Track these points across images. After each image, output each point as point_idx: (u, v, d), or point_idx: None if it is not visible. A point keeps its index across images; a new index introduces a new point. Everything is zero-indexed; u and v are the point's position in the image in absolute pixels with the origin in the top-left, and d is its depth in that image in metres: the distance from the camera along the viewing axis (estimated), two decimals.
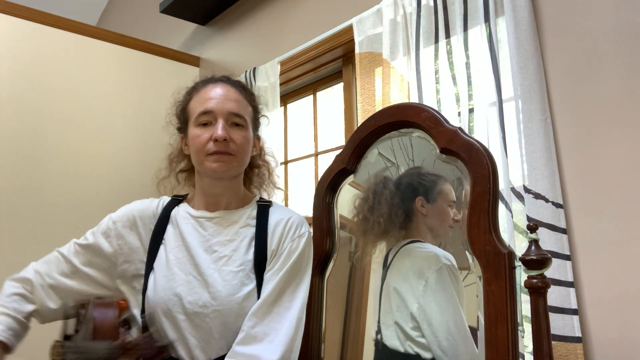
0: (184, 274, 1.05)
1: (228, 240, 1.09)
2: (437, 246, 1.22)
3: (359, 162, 1.38)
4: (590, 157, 1.26)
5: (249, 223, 1.12)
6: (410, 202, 1.25)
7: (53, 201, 2.22)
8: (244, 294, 1.03)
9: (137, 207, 1.15)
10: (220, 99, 1.09)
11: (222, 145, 1.06)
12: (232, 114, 1.09)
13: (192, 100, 1.13)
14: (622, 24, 1.23)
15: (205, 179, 1.12)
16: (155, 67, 2.64)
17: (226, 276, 1.04)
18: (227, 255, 1.07)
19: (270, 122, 2.18)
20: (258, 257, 1.07)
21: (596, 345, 1.21)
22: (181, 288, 1.04)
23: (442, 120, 1.17)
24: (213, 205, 1.14)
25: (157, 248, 1.10)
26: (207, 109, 1.08)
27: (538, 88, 1.32)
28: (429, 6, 1.58)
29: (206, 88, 1.12)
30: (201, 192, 1.14)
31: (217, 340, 1.01)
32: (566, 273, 1.23)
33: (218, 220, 1.11)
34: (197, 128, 1.08)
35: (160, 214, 1.14)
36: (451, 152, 1.14)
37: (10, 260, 2.08)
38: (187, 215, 1.13)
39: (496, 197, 1.06)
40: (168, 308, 1.03)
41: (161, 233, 1.11)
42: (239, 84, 1.17)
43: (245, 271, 1.05)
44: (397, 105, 1.34)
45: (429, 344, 1.16)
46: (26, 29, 2.25)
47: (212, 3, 2.59)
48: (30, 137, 2.20)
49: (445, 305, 1.16)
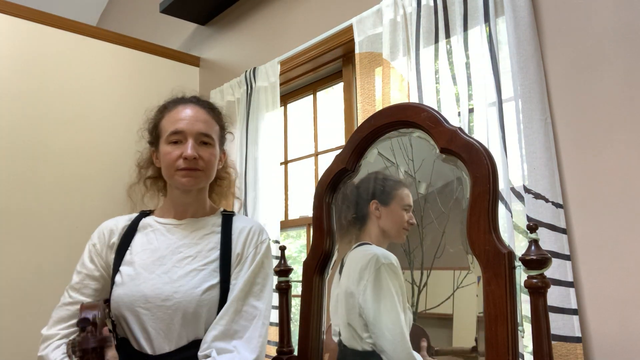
0: (148, 273, 1.14)
1: (194, 243, 1.19)
2: (384, 248, 1.28)
3: (359, 162, 1.38)
4: (590, 157, 1.26)
5: (214, 230, 1.22)
6: (366, 204, 1.32)
7: (53, 201, 2.22)
8: (204, 288, 1.12)
9: (108, 223, 1.26)
10: (190, 120, 1.19)
11: (191, 162, 1.16)
12: (200, 134, 1.19)
13: (164, 118, 1.23)
14: (622, 24, 1.23)
15: (175, 190, 1.22)
16: (155, 67, 2.64)
17: (190, 273, 1.14)
18: (192, 256, 1.17)
19: (271, 122, 2.19)
20: (224, 258, 1.17)
21: (596, 345, 1.21)
22: (144, 285, 1.12)
23: (442, 120, 1.17)
24: (181, 214, 1.24)
25: (124, 253, 1.19)
26: (178, 129, 1.18)
27: (538, 88, 1.32)
28: (429, 6, 1.58)
29: (177, 108, 1.22)
30: (170, 202, 1.25)
31: (178, 331, 1.10)
32: (566, 273, 1.23)
33: (185, 226, 1.22)
34: (168, 145, 1.19)
35: (129, 225, 1.24)
36: (451, 152, 1.14)
37: (10, 260, 2.08)
38: (155, 223, 1.24)
39: (496, 197, 1.06)
40: (131, 303, 1.11)
41: (128, 241, 1.21)
42: (208, 104, 1.27)
43: (209, 270, 1.15)
44: (397, 105, 1.35)
45: (372, 342, 1.22)
46: (26, 29, 2.25)
47: (212, 3, 2.59)
48: (30, 136, 2.20)
49: (382, 304, 1.22)
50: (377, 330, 1.22)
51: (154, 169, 1.29)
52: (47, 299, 2.02)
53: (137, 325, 1.11)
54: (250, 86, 2.29)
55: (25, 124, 2.19)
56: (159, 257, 1.16)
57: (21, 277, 2.09)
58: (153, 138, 1.26)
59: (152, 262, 1.16)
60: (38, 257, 2.15)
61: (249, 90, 2.29)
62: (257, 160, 2.19)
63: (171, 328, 1.09)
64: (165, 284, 1.12)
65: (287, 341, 1.43)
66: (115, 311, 1.14)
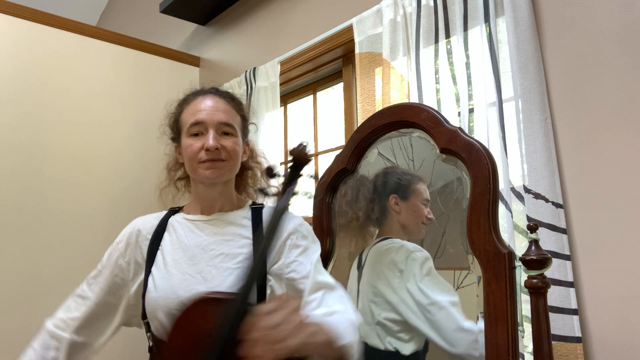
0: (181, 274, 1.10)
1: (225, 240, 1.14)
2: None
3: (359, 162, 1.38)
4: (590, 157, 1.26)
5: (244, 224, 1.17)
6: (385, 199, 1.30)
7: (53, 201, 2.22)
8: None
9: (137, 223, 1.22)
10: (210, 110, 1.16)
11: (214, 153, 1.12)
12: (221, 123, 1.15)
13: (184, 112, 1.19)
14: (622, 24, 1.23)
15: (200, 185, 1.18)
16: (155, 67, 2.64)
17: (224, 272, 1.09)
18: (225, 253, 1.12)
19: (270, 122, 2.19)
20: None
21: (596, 345, 1.21)
22: (179, 286, 1.09)
23: (442, 120, 1.17)
24: (208, 209, 1.20)
25: (155, 254, 1.16)
26: (198, 120, 1.14)
27: (538, 88, 1.32)
28: (429, 6, 1.58)
29: (196, 100, 1.19)
30: (197, 198, 1.21)
31: None
32: (566, 273, 1.23)
33: (214, 222, 1.17)
34: (189, 138, 1.15)
35: (158, 224, 1.20)
36: (451, 152, 1.14)
37: (10, 259, 2.08)
38: (184, 221, 1.20)
39: (496, 197, 1.06)
40: (167, 307, 1.07)
41: (158, 240, 1.17)
42: (227, 94, 1.23)
43: (243, 268, 1.09)
44: (397, 105, 1.35)
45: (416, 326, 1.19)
46: (26, 29, 2.25)
47: (212, 3, 2.59)
48: (30, 136, 2.20)
49: (427, 287, 1.20)
50: (415, 312, 1.19)
51: (183, 169, 1.26)
52: (47, 299, 2.02)
53: None
54: (250, 86, 2.29)
55: (25, 124, 2.19)
56: (190, 256, 1.12)
57: (21, 277, 2.09)
58: (175, 133, 1.22)
59: (184, 261, 1.12)
60: (38, 257, 2.15)
61: (249, 90, 2.29)
62: None
63: None
64: (200, 285, 1.08)
65: None
66: (151, 314, 1.10)
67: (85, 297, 1.17)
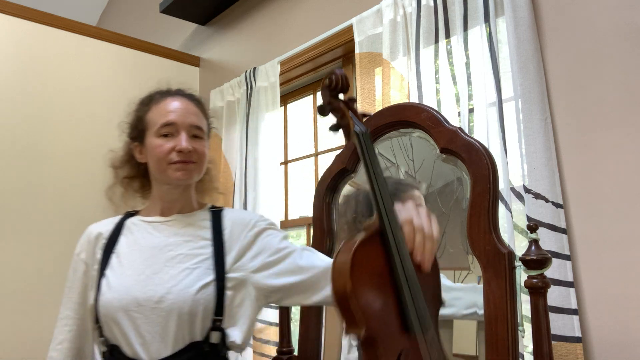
0: (137, 275, 1.09)
1: (184, 240, 1.14)
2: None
3: (359, 162, 1.38)
4: (590, 157, 1.26)
5: (203, 225, 1.17)
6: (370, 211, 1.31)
7: (53, 201, 2.22)
8: (199, 286, 1.07)
9: (91, 229, 1.22)
10: (181, 112, 1.16)
11: (186, 155, 1.12)
12: (193, 126, 1.16)
13: (151, 111, 1.19)
14: (622, 24, 1.23)
15: (164, 185, 1.17)
16: (155, 67, 2.64)
17: (182, 272, 1.08)
18: (183, 254, 1.11)
19: (271, 122, 2.19)
20: (217, 254, 1.12)
21: (596, 345, 1.21)
22: (135, 287, 1.07)
23: (442, 120, 1.17)
24: (168, 210, 1.19)
25: (109, 257, 1.14)
26: (170, 121, 1.14)
27: (538, 88, 1.32)
28: (429, 6, 1.58)
29: (165, 100, 1.18)
30: (157, 199, 1.20)
31: (175, 334, 1.05)
32: (566, 273, 1.23)
33: (173, 222, 1.17)
34: (158, 138, 1.14)
35: (113, 228, 1.20)
36: (451, 152, 1.14)
37: (10, 258, 2.08)
38: (141, 223, 1.19)
39: (496, 197, 1.06)
40: (123, 307, 1.06)
41: (113, 243, 1.16)
42: (195, 97, 1.23)
43: (203, 267, 1.10)
44: (397, 105, 1.35)
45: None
46: (26, 29, 2.25)
47: (212, 3, 2.59)
48: (30, 136, 2.20)
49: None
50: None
51: (129, 168, 1.25)
52: (46, 299, 2.02)
53: (132, 331, 1.05)
54: (250, 86, 2.29)
55: (25, 124, 2.19)
56: (147, 257, 1.11)
57: (21, 277, 2.09)
58: (136, 133, 1.21)
59: (141, 262, 1.10)
60: (38, 257, 2.15)
61: (249, 90, 2.29)
62: (257, 161, 2.19)
63: (167, 331, 1.05)
64: (157, 285, 1.06)
65: (287, 341, 1.43)
66: (105, 317, 1.08)
67: (65, 317, 1.16)
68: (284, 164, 2.40)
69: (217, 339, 1.07)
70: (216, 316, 1.07)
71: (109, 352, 1.08)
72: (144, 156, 1.19)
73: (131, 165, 1.25)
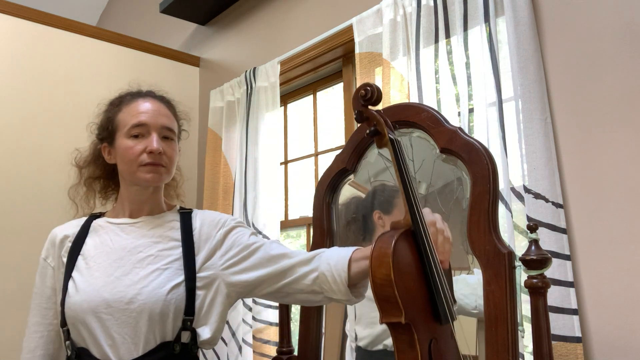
0: (106, 276, 1.08)
1: (153, 242, 1.13)
2: None
3: (359, 162, 1.38)
4: (590, 157, 1.26)
5: (173, 226, 1.16)
6: (369, 215, 1.34)
7: (53, 201, 2.22)
8: (169, 287, 1.06)
9: (55, 232, 1.20)
10: (152, 113, 1.15)
11: (156, 157, 1.11)
12: (164, 127, 1.15)
13: (122, 112, 1.17)
14: (622, 24, 1.23)
15: (133, 187, 1.16)
16: (155, 67, 2.64)
17: (152, 273, 1.08)
18: (153, 255, 1.11)
19: (271, 122, 2.19)
20: (187, 255, 1.12)
21: (596, 345, 1.21)
22: (104, 289, 1.06)
23: (442, 120, 1.17)
24: (136, 212, 1.18)
25: (75, 259, 1.13)
26: (141, 122, 1.13)
27: (538, 88, 1.32)
28: (429, 6, 1.58)
29: (137, 101, 1.17)
30: (126, 200, 1.19)
31: (145, 334, 1.04)
32: (566, 273, 1.23)
33: (141, 224, 1.16)
34: (128, 139, 1.13)
35: (79, 230, 1.18)
36: (451, 152, 1.14)
37: (9, 258, 2.08)
38: (108, 225, 1.17)
39: (496, 197, 1.06)
40: (92, 309, 1.05)
41: (79, 246, 1.15)
42: (166, 99, 1.23)
43: (173, 268, 1.09)
44: (397, 105, 1.35)
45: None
46: (26, 29, 2.25)
47: (212, 3, 2.59)
48: (29, 136, 2.20)
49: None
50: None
51: (94, 168, 1.24)
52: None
53: (101, 332, 1.04)
54: (250, 86, 2.29)
55: (25, 124, 2.19)
56: (116, 259, 1.10)
57: (20, 277, 2.09)
58: (105, 134, 1.19)
59: (109, 264, 1.09)
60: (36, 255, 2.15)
61: (249, 90, 2.29)
62: (257, 161, 2.19)
63: (137, 332, 1.03)
64: (127, 287, 1.06)
65: (287, 341, 1.43)
66: (73, 320, 1.06)
67: (35, 324, 1.15)
68: (284, 164, 2.40)
69: (188, 338, 1.07)
70: (187, 316, 1.07)
71: (77, 355, 1.07)
72: (112, 157, 1.18)
73: (96, 166, 1.24)
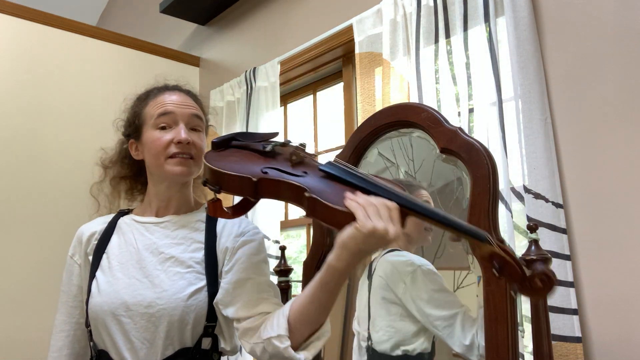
0: (127, 278, 1.05)
1: (176, 243, 1.08)
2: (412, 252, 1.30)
3: (359, 162, 1.38)
4: (590, 157, 1.26)
5: (197, 227, 1.11)
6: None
7: (52, 201, 2.22)
8: (189, 292, 1.02)
9: (82, 230, 1.18)
10: (179, 103, 1.11)
11: (185, 147, 1.06)
12: (193, 115, 1.10)
13: (148, 106, 1.13)
14: (622, 24, 1.23)
15: (162, 184, 1.12)
16: (155, 67, 2.64)
17: (173, 276, 1.04)
18: (175, 257, 1.06)
19: (271, 122, 2.19)
20: (210, 258, 1.07)
21: (596, 345, 1.20)
22: (124, 291, 1.03)
23: (442, 120, 1.17)
24: (163, 210, 1.14)
25: (100, 258, 1.10)
26: (168, 110, 1.08)
27: (538, 88, 1.32)
28: (429, 6, 1.58)
29: (163, 95, 1.13)
30: (153, 197, 1.14)
31: (164, 340, 1.01)
32: (566, 273, 1.23)
33: (166, 224, 1.11)
34: (155, 131, 1.08)
35: (105, 228, 1.15)
36: (451, 152, 1.14)
37: (10, 257, 2.08)
38: (133, 223, 1.13)
39: (496, 197, 1.06)
40: (112, 311, 1.02)
41: (104, 244, 1.12)
42: (192, 93, 1.19)
43: (194, 272, 1.05)
44: (397, 105, 1.35)
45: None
46: (26, 29, 2.25)
47: (212, 3, 2.59)
48: (29, 137, 2.20)
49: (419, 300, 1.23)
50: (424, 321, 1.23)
51: (120, 167, 1.20)
52: (47, 297, 2.01)
53: (121, 336, 1.01)
54: (250, 86, 2.29)
55: (25, 124, 2.19)
56: (138, 260, 1.06)
57: (20, 277, 2.09)
58: (132, 129, 1.15)
59: (132, 265, 1.06)
60: (38, 255, 2.15)
61: (249, 90, 2.29)
62: None
63: (156, 337, 1.00)
64: (147, 289, 1.02)
65: None
66: (94, 321, 1.04)
67: (61, 322, 1.14)
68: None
69: (209, 345, 1.03)
70: (208, 322, 1.03)
71: (97, 358, 1.05)
72: (140, 152, 1.14)
73: (123, 165, 1.20)
